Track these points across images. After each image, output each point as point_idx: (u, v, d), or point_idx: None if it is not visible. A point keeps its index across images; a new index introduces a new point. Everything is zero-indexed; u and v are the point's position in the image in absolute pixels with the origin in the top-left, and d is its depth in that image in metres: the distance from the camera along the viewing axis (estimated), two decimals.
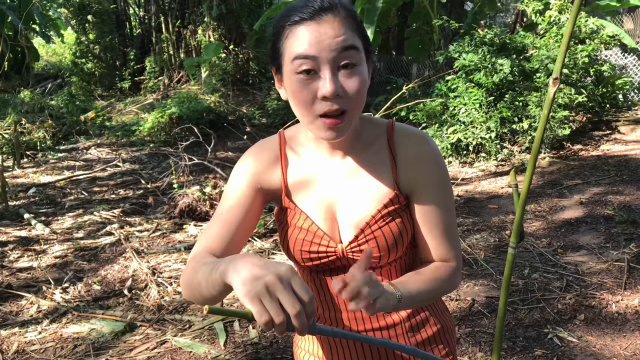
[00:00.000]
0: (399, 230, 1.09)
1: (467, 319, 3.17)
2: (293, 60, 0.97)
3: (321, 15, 0.97)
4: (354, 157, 1.12)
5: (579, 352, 2.76)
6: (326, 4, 0.98)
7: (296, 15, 0.98)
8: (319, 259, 1.11)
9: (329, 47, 0.96)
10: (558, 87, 0.89)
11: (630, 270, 3.57)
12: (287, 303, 0.77)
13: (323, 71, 0.97)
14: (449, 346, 1.24)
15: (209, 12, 13.96)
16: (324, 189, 1.12)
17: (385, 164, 1.11)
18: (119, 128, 11.05)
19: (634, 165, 5.94)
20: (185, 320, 3.38)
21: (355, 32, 0.99)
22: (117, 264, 4.38)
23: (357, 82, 0.99)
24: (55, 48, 20.11)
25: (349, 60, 0.97)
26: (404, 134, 1.12)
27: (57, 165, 8.53)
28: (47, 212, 6.02)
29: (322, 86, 0.97)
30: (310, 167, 1.14)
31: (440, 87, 7.42)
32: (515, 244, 1.09)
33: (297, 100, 1.00)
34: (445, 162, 5.94)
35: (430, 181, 1.10)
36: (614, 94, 7.84)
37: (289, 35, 0.99)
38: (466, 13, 11.50)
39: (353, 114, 1.01)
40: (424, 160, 1.10)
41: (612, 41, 7.57)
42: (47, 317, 3.52)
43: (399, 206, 1.10)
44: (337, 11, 0.98)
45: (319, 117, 0.99)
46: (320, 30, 0.96)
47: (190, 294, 1.03)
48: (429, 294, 1.08)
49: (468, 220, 4.85)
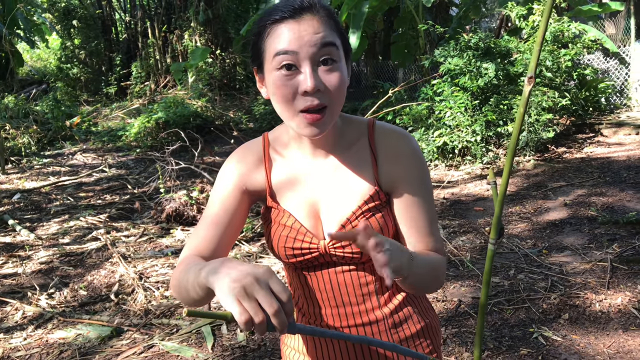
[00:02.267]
0: (379, 225, 1.11)
1: (454, 320, 3.20)
2: (274, 57, 1.00)
3: (301, 13, 1.00)
4: (335, 156, 1.14)
5: (563, 351, 2.80)
6: (306, 3, 1.01)
7: (277, 14, 1.01)
8: (302, 255, 1.13)
9: (309, 43, 0.98)
10: (533, 85, 0.91)
11: (613, 270, 3.62)
12: (265, 303, 0.79)
13: (303, 67, 0.99)
14: (433, 344, 1.25)
15: (195, 17, 13.95)
16: (307, 188, 1.14)
17: (366, 162, 1.13)
18: (105, 133, 10.99)
19: (616, 168, 6.03)
20: (173, 325, 3.37)
21: (334, 30, 1.03)
22: (104, 269, 4.36)
23: (336, 78, 1.01)
24: (40, 53, 19.94)
25: (328, 56, 1.00)
26: (384, 132, 1.15)
27: (42, 171, 8.46)
28: (32, 218, 5.96)
29: (302, 81, 0.99)
30: (294, 167, 1.16)
31: (426, 91, 7.48)
32: (495, 240, 1.11)
33: (278, 96, 1.02)
34: (431, 166, 5.97)
35: (410, 176, 1.12)
36: (596, 98, 7.96)
37: (270, 33, 1.01)
38: (451, 18, 11.61)
39: (333, 109, 1.03)
40: (404, 156, 1.12)
41: (594, 45, 7.70)
42: (33, 323, 3.49)
43: (380, 202, 1.12)
44: (317, 10, 1.01)
45: (299, 112, 1.02)
46: (301, 27, 0.99)
47: (179, 296, 1.05)
48: (432, 272, 1.10)
49: (454, 222, 4.89)
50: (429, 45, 10.01)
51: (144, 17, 15.96)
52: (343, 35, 1.06)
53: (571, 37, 7.36)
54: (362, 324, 1.17)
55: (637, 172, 5.77)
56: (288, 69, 1.00)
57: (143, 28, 15.90)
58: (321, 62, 1.00)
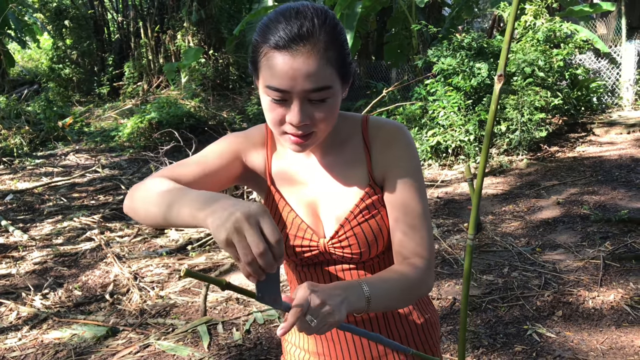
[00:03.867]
0: (377, 225, 1.11)
1: (449, 318, 3.22)
2: (266, 87, 0.98)
3: (298, 44, 0.94)
4: (331, 154, 1.14)
5: (557, 347, 2.83)
6: (305, 30, 0.95)
7: (275, 35, 0.95)
8: (302, 252, 1.14)
9: (302, 86, 0.95)
10: (503, 83, 0.93)
11: (605, 268, 3.66)
12: (252, 242, 0.78)
13: (294, 101, 0.97)
14: (433, 339, 1.26)
15: (188, 17, 13.91)
16: (305, 186, 1.15)
17: (360, 159, 1.13)
18: (97, 134, 10.95)
19: (608, 166, 6.08)
20: (169, 324, 3.37)
21: (332, 64, 0.97)
22: (98, 269, 4.35)
23: (325, 112, 1.00)
24: (31, 53, 19.83)
25: (319, 97, 0.98)
26: (377, 126, 1.14)
27: (35, 171, 8.42)
28: (25, 218, 5.94)
29: (290, 115, 0.98)
30: (292, 162, 1.16)
31: (419, 91, 7.50)
32: (472, 236, 1.12)
33: (267, 116, 1.02)
34: (425, 165, 5.98)
35: (400, 166, 1.11)
36: (588, 97, 8.02)
37: (266, 55, 0.97)
38: (444, 18, 11.65)
39: (320, 135, 1.03)
40: (395, 147, 1.11)
41: (585, 45, 7.76)
42: (27, 324, 3.48)
43: (376, 198, 1.12)
44: (316, 40, 0.95)
45: (285, 133, 1.02)
46: (294, 65, 0.94)
47: (140, 210, 1.01)
48: (401, 296, 1.06)
49: (448, 221, 4.91)
50: (422, 45, 10.05)
51: (136, 17, 15.90)
52: (343, 59, 1.00)
53: (563, 37, 7.42)
54: (362, 321, 1.18)
55: (629, 171, 5.83)
56: (278, 101, 0.98)
57: (135, 28, 15.84)
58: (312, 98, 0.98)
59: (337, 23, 1.00)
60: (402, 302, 1.09)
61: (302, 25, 0.95)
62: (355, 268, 1.15)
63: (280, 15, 0.97)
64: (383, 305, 1.01)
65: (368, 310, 0.98)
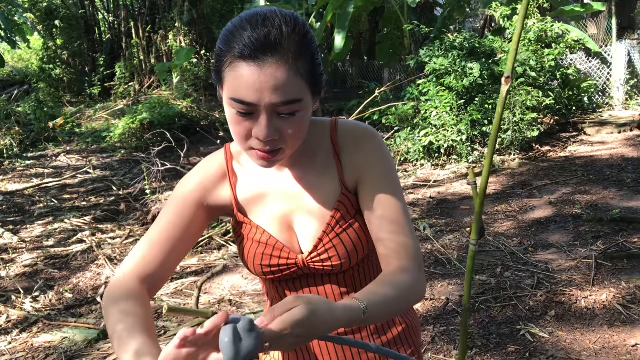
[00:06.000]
0: (356, 234, 1.07)
1: (442, 318, 3.22)
2: (230, 99, 0.92)
3: (266, 54, 0.88)
4: (300, 165, 1.09)
5: (550, 347, 2.83)
6: (273, 38, 0.88)
7: (240, 44, 0.89)
8: (280, 271, 1.10)
9: (269, 98, 0.89)
10: (510, 85, 0.92)
11: (597, 267, 3.67)
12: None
13: (261, 115, 0.91)
14: (414, 345, 1.24)
15: (179, 17, 13.86)
16: (277, 202, 1.10)
17: (330, 166, 1.09)
18: (89, 134, 10.87)
19: (599, 166, 6.11)
20: (160, 327, 3.35)
21: (302, 76, 0.91)
22: (89, 271, 4.31)
23: (295, 126, 0.94)
24: (22, 54, 19.68)
25: (288, 111, 0.92)
26: (346, 130, 1.09)
27: (25, 172, 8.35)
28: (15, 220, 5.88)
29: (257, 129, 0.92)
30: (260, 181, 1.11)
31: (411, 91, 7.51)
32: (475, 241, 1.11)
33: (232, 130, 0.96)
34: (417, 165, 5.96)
35: (374, 168, 1.07)
36: (579, 97, 8.06)
37: (231, 65, 0.91)
38: (436, 18, 11.67)
39: (288, 151, 0.98)
40: (365, 149, 1.07)
41: (577, 45, 7.80)
42: (17, 327, 3.44)
43: (351, 206, 1.08)
44: (284, 50, 0.89)
45: (252, 148, 0.96)
46: (262, 77, 0.88)
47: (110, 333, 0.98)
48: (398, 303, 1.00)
49: (441, 221, 4.91)
50: (414, 45, 10.06)
51: (127, 17, 15.82)
52: (315, 69, 0.95)
53: (554, 37, 7.44)
54: (345, 332, 1.15)
55: (620, 170, 5.86)
56: (243, 115, 0.92)
57: (127, 28, 15.75)
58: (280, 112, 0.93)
59: (308, 31, 0.94)
60: (396, 313, 1.05)
61: (269, 33, 0.88)
62: (335, 279, 1.13)
63: (245, 21, 0.91)
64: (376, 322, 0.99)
65: (365, 322, 0.93)
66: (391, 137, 7.46)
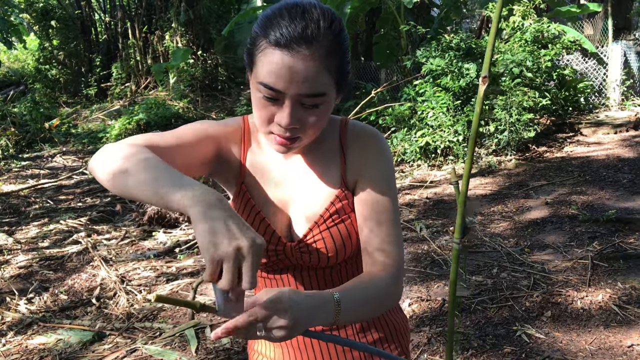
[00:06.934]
0: (347, 230, 1.09)
1: (438, 319, 3.21)
2: (259, 83, 0.94)
3: (300, 46, 0.90)
4: (307, 155, 1.12)
5: (546, 348, 2.83)
6: (309, 32, 0.91)
7: (277, 31, 0.92)
8: (267, 256, 1.11)
9: (297, 88, 0.92)
10: (487, 84, 0.91)
11: (593, 268, 3.67)
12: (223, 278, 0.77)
13: (285, 102, 0.94)
14: (401, 346, 1.24)
15: (176, 18, 13.83)
16: (278, 186, 1.12)
17: (335, 162, 1.11)
18: (85, 135, 10.85)
19: (595, 166, 6.12)
20: (156, 328, 3.33)
21: (331, 72, 0.94)
22: (85, 272, 4.29)
23: (316, 118, 0.97)
24: (18, 54, 19.61)
25: (312, 103, 0.95)
26: (355, 130, 1.12)
27: (21, 173, 8.32)
28: (11, 221, 5.86)
29: (280, 115, 0.95)
30: (267, 160, 1.13)
31: (408, 92, 7.51)
32: (459, 240, 1.10)
33: (256, 112, 0.99)
34: (414, 166, 5.95)
35: (374, 169, 1.09)
36: (576, 97, 8.07)
37: (264, 50, 0.93)
38: (432, 19, 11.67)
39: (306, 140, 1.01)
40: (370, 151, 1.10)
41: (573, 46, 7.81)
42: (12, 329, 3.42)
43: (347, 202, 1.09)
44: (318, 45, 0.92)
45: (271, 133, 0.99)
46: (293, 66, 0.91)
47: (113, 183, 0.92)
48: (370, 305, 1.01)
49: (437, 221, 4.91)
50: (410, 46, 10.06)
51: (124, 18, 15.79)
52: (343, 67, 0.98)
53: (551, 37, 7.45)
54: (329, 329, 1.15)
55: (616, 171, 5.86)
56: (269, 100, 0.95)
57: (123, 29, 15.72)
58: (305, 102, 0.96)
59: (343, 29, 0.96)
60: (373, 312, 1.06)
61: (306, 27, 0.91)
62: (321, 274, 1.13)
63: (285, 10, 0.93)
64: (352, 320, 0.99)
65: (333, 324, 0.94)
66: (388, 137, 7.45)
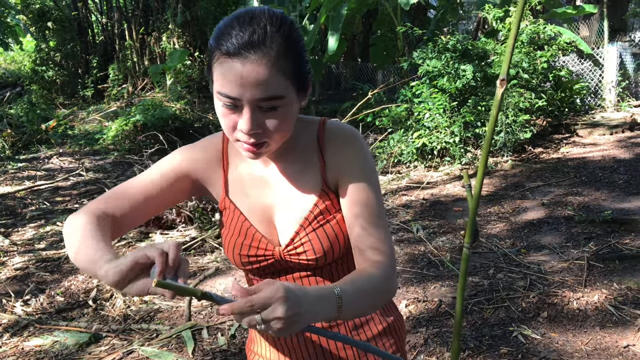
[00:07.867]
0: (333, 231, 1.09)
1: (435, 320, 3.22)
2: (217, 93, 0.98)
3: (249, 52, 0.93)
4: (287, 159, 1.13)
5: (542, 349, 2.83)
6: (256, 37, 0.93)
7: (227, 42, 0.94)
8: (257, 262, 1.12)
9: (251, 93, 0.94)
10: (505, 88, 0.91)
11: (589, 268, 3.68)
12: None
13: (244, 109, 0.96)
14: (396, 343, 1.25)
15: (173, 19, 13.82)
16: (261, 194, 1.13)
17: (314, 164, 1.12)
18: (81, 137, 10.82)
19: (591, 167, 6.14)
20: (153, 330, 3.33)
21: (284, 74, 0.95)
22: (81, 274, 4.28)
23: (278, 121, 0.98)
24: (14, 55, 19.58)
25: (270, 106, 0.96)
26: (332, 130, 1.13)
27: (17, 175, 8.30)
28: (7, 223, 5.84)
29: (241, 122, 0.97)
30: (248, 170, 1.15)
31: (405, 93, 7.52)
32: (469, 244, 1.10)
33: (221, 122, 1.02)
34: (411, 167, 5.96)
35: (355, 168, 1.09)
36: (572, 99, 8.10)
37: (218, 61, 0.96)
38: (429, 20, 11.70)
39: (273, 144, 1.02)
40: (349, 150, 1.10)
41: (569, 47, 7.84)
42: (8, 331, 3.41)
43: (330, 203, 1.10)
44: (267, 48, 0.93)
45: (238, 140, 1.01)
46: (244, 73, 0.93)
47: (68, 247, 1.05)
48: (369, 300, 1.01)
49: (434, 223, 4.92)
50: (407, 47, 10.07)
51: (120, 19, 15.77)
52: (299, 68, 0.99)
53: (547, 39, 7.48)
54: (322, 327, 1.16)
55: (612, 172, 5.88)
56: (229, 107, 0.98)
57: (120, 30, 15.70)
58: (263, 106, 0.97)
59: (293, 31, 0.97)
60: (370, 308, 1.06)
61: (253, 32, 0.93)
62: (312, 274, 1.14)
63: (235, 20, 0.96)
64: (352, 315, 0.99)
65: (337, 319, 0.94)
66: (384, 138, 7.46)
